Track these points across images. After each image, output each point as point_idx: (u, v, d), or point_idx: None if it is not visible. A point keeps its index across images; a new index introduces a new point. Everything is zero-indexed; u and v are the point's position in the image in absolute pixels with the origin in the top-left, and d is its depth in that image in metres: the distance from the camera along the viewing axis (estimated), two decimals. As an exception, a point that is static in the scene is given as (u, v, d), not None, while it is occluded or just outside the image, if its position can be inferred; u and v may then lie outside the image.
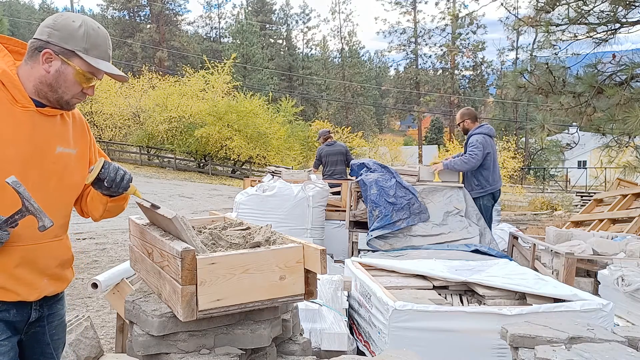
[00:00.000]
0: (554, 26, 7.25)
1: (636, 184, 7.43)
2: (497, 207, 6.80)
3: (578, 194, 17.90)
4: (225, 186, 19.60)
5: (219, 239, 1.99)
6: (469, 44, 43.77)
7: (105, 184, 1.56)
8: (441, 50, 44.59)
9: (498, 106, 45.03)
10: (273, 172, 7.24)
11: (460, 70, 46.04)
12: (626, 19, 6.96)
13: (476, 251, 4.55)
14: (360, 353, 3.08)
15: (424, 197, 5.03)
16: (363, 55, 57.65)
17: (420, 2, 45.11)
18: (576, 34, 7.23)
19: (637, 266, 3.92)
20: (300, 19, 57.00)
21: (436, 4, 44.01)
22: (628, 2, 6.67)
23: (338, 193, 6.72)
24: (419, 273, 3.49)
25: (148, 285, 2.05)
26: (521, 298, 3.12)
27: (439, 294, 3.26)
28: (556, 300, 2.93)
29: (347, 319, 3.26)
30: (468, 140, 5.43)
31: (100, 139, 24.70)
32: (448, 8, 42.73)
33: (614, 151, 7.51)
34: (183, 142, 23.05)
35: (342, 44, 50.83)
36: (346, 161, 8.08)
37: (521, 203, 18.14)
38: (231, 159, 24.42)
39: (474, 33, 43.16)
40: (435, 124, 55.89)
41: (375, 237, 4.82)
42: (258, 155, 23.24)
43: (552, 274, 4.48)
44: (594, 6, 7.01)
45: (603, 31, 7.06)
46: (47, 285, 1.54)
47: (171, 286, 1.71)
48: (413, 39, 45.29)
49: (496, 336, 2.31)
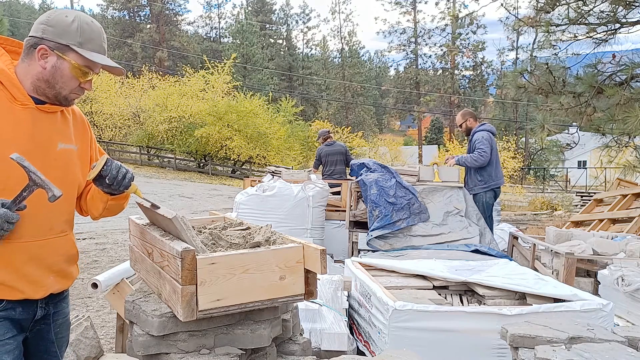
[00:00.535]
0: (554, 26, 7.26)
1: (636, 184, 7.43)
2: (497, 207, 6.80)
3: (578, 194, 17.90)
4: (225, 186, 19.59)
5: (219, 239, 1.99)
6: (469, 44, 43.79)
7: (107, 181, 1.55)
8: (441, 50, 44.59)
9: (498, 106, 45.03)
10: (273, 172, 7.24)
11: (460, 70, 46.04)
12: (626, 19, 6.97)
13: (476, 251, 4.56)
14: (360, 353, 3.08)
15: (424, 197, 5.03)
16: (363, 55, 57.76)
17: (420, 2, 45.16)
18: (576, 34, 7.24)
19: (637, 266, 3.92)
20: (300, 19, 57.06)
21: (436, 4, 44.09)
22: (628, 2, 6.68)
23: (338, 193, 6.72)
24: (419, 273, 3.49)
25: (148, 285, 2.05)
26: (521, 298, 3.12)
27: (439, 294, 3.26)
28: (556, 300, 2.93)
29: (347, 319, 3.26)
30: (472, 137, 5.48)
31: (100, 139, 24.66)
32: (448, 8, 42.76)
33: (613, 151, 7.52)
34: (183, 142, 23.04)
35: (342, 44, 50.84)
36: (346, 161, 8.07)
37: (521, 203, 18.14)
38: (231, 159, 24.41)
39: (474, 33, 43.18)
40: (435, 124, 55.86)
41: (375, 237, 4.83)
42: (258, 155, 23.23)
43: (552, 274, 4.48)
44: (594, 6, 7.01)
45: (603, 31, 7.06)
46: (54, 282, 1.55)
47: (171, 286, 1.71)
48: (413, 39, 45.28)
49: (496, 336, 2.31)
